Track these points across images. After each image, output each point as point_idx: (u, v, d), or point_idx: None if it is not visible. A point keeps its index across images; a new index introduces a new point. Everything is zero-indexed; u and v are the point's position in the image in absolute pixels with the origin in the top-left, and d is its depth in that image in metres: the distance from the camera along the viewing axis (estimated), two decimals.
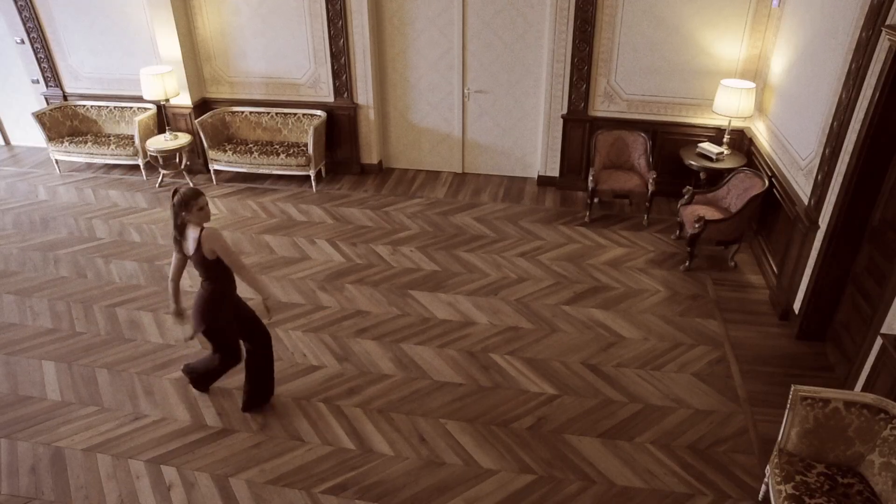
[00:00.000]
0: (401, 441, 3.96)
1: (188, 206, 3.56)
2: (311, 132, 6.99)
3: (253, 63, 7.37)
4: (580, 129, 6.85)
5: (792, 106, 5.35)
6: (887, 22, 3.80)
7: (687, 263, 5.65)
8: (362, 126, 7.41)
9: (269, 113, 7.46)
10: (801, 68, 5.19)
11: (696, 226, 5.39)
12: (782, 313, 4.99)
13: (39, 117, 7.51)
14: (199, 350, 4.71)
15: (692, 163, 6.17)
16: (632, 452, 3.84)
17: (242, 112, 7.52)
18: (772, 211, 5.55)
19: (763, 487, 3.45)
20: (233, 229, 6.47)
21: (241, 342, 4.04)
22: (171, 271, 3.87)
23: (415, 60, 7.12)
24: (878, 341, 3.60)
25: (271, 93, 7.51)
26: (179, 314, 3.98)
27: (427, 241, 6.18)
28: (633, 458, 3.80)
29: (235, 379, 4.43)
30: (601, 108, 6.78)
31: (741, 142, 6.42)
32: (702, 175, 6.22)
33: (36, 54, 7.77)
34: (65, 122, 7.79)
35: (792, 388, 3.18)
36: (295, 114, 7.40)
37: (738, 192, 5.60)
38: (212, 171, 7.46)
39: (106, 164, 7.99)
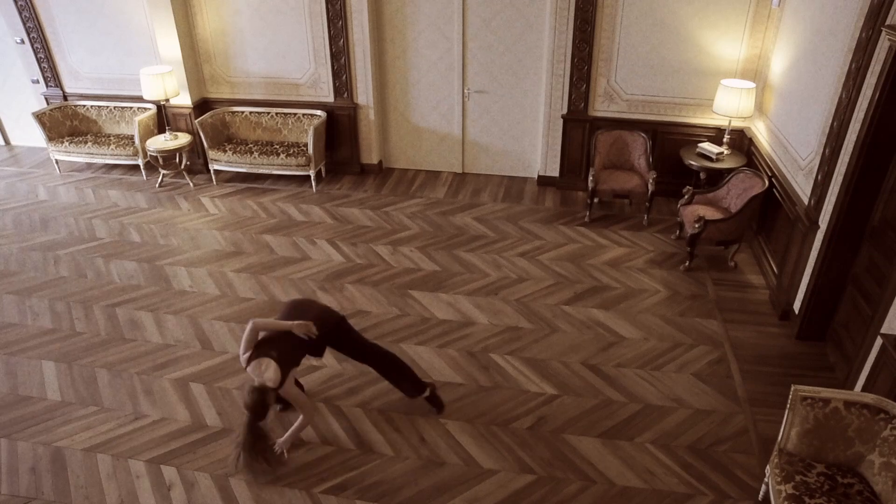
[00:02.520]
0: (401, 441, 3.96)
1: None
2: (311, 132, 6.99)
3: (253, 63, 7.37)
4: (580, 129, 6.85)
5: (792, 106, 5.35)
6: (887, 22, 3.80)
7: (687, 263, 5.65)
8: (362, 126, 7.41)
9: (269, 113, 7.46)
10: (801, 68, 5.18)
11: (696, 226, 5.39)
12: (782, 313, 4.99)
13: (39, 117, 7.50)
14: (199, 350, 4.73)
15: (692, 163, 6.17)
16: (632, 452, 3.84)
17: (242, 112, 7.52)
18: (772, 211, 5.55)
19: (763, 487, 3.45)
20: (233, 229, 6.46)
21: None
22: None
23: (415, 60, 7.12)
24: (878, 341, 3.60)
25: (271, 93, 7.51)
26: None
27: (427, 241, 6.18)
28: (633, 458, 3.80)
29: (236, 379, 4.44)
30: (601, 108, 6.78)
31: (741, 142, 6.42)
32: (702, 175, 6.22)
33: (36, 54, 7.77)
34: (65, 122, 7.79)
35: (792, 388, 3.18)
36: (295, 114, 7.40)
37: (738, 192, 5.60)
38: (212, 171, 7.46)
39: (106, 164, 7.99)
